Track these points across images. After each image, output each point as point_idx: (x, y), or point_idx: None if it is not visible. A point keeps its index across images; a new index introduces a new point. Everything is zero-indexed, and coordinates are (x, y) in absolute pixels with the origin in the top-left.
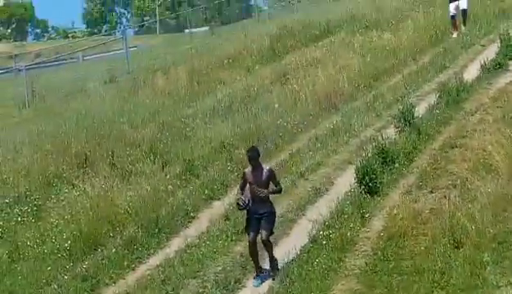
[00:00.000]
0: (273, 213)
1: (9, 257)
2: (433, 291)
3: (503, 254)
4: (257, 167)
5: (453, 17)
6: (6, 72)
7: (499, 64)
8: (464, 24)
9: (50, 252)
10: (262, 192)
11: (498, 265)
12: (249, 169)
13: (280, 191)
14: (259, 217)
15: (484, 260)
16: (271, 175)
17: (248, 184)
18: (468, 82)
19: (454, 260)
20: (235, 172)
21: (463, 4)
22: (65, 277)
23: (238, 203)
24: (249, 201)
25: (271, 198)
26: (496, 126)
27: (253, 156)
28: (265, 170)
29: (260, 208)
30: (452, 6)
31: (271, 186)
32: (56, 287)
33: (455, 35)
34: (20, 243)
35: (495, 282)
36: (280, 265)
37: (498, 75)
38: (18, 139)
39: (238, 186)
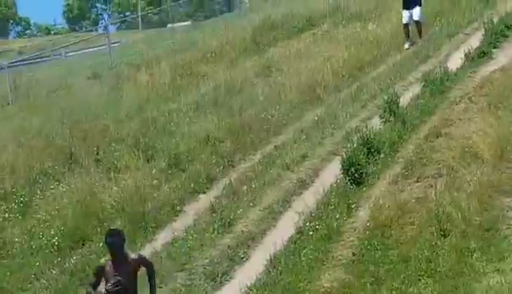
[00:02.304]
0: None
1: None
2: (420, 280)
3: (490, 241)
4: (120, 259)
5: (406, 26)
6: None
7: (483, 52)
8: (420, 36)
9: (38, 248)
10: (122, 283)
11: (485, 252)
12: (108, 263)
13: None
14: None
15: (471, 248)
16: (142, 261)
17: (105, 284)
18: (452, 71)
19: (441, 248)
20: (220, 165)
21: (415, 15)
22: (54, 272)
23: None
24: None
25: None
26: (481, 115)
27: (116, 243)
28: (132, 261)
29: None
30: (406, 13)
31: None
32: (44, 281)
33: (406, 46)
34: (7, 240)
35: (482, 269)
36: (267, 257)
37: (482, 63)
38: (2, 135)
39: (91, 282)
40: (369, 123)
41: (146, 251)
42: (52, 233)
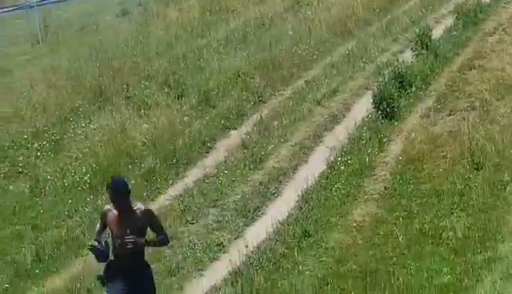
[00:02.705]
0: (151, 279)
1: (30, 192)
2: (452, 213)
3: None
4: (125, 211)
5: None
6: (17, 8)
7: None
8: None
9: (70, 186)
10: (136, 243)
11: None
12: (112, 211)
13: (166, 242)
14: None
15: (504, 181)
16: (150, 218)
17: (110, 233)
18: (485, 3)
19: (473, 181)
20: (250, 101)
21: None
22: (86, 209)
23: (93, 247)
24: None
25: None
26: None
27: (119, 193)
28: (139, 213)
29: (130, 273)
30: None
31: (149, 235)
32: (77, 219)
33: None
34: (40, 178)
35: None
36: (298, 193)
37: None
38: (33, 75)
39: (97, 227)
40: (400, 57)
41: (178, 188)
42: (84, 170)
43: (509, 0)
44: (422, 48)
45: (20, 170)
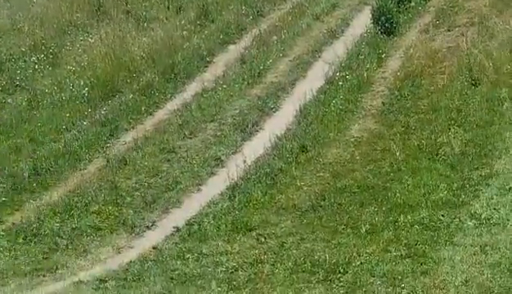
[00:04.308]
0: None
1: (28, 105)
2: (450, 129)
3: None
4: None
5: None
6: None
7: None
8: None
9: (68, 99)
10: None
11: None
12: None
13: None
14: None
15: (502, 97)
16: None
17: None
18: None
19: (471, 97)
20: (249, 16)
21: None
22: (84, 123)
23: None
24: None
25: None
26: None
27: None
28: None
29: None
30: None
31: None
32: (75, 132)
33: None
34: (38, 91)
35: None
36: (296, 108)
37: None
38: None
39: None
40: None
41: (176, 102)
42: (82, 84)
43: None
44: None
45: (18, 83)
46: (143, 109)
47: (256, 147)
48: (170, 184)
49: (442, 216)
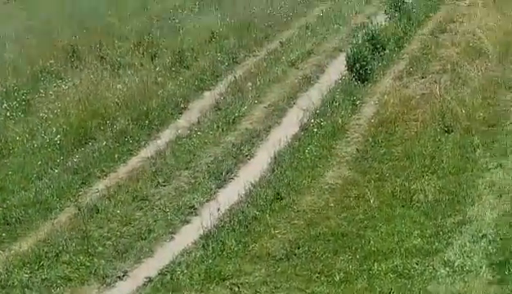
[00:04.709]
0: None
1: None
2: (423, 176)
3: (493, 137)
4: None
5: None
6: None
7: None
8: None
9: (40, 147)
10: None
11: (488, 148)
12: None
13: None
14: None
15: (474, 144)
16: None
17: None
18: None
19: (444, 144)
20: (225, 62)
21: None
22: (56, 171)
23: None
24: None
25: None
26: (486, 11)
27: None
28: None
29: None
30: None
31: None
32: (47, 180)
33: None
34: (9, 138)
35: (485, 165)
36: (271, 154)
37: None
38: (4, 34)
39: None
40: (374, 19)
41: (150, 149)
42: (55, 131)
43: None
44: (395, 11)
45: None
46: (116, 156)
47: (230, 194)
48: (143, 232)
49: (416, 263)
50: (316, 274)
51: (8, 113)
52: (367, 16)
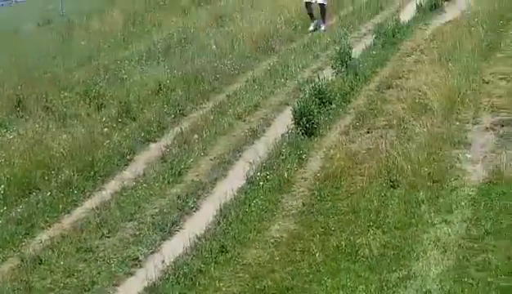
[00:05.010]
0: None
1: None
2: (369, 230)
3: (438, 192)
4: None
5: (307, 5)
6: None
7: (434, 4)
8: (324, 21)
9: None
10: None
11: (433, 204)
12: None
13: None
14: None
15: (419, 199)
16: None
17: None
18: (404, 23)
19: (390, 199)
20: (171, 114)
21: None
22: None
23: None
24: None
25: None
26: (432, 67)
27: None
28: None
29: None
30: None
31: None
32: None
33: (311, 27)
34: None
35: (430, 220)
36: (217, 207)
37: (434, 16)
38: None
39: None
40: (321, 74)
41: (95, 201)
42: None
43: (427, 22)
44: (342, 66)
45: None
46: (61, 206)
47: (175, 247)
48: (86, 284)
49: None
50: None
51: None
52: (314, 71)
